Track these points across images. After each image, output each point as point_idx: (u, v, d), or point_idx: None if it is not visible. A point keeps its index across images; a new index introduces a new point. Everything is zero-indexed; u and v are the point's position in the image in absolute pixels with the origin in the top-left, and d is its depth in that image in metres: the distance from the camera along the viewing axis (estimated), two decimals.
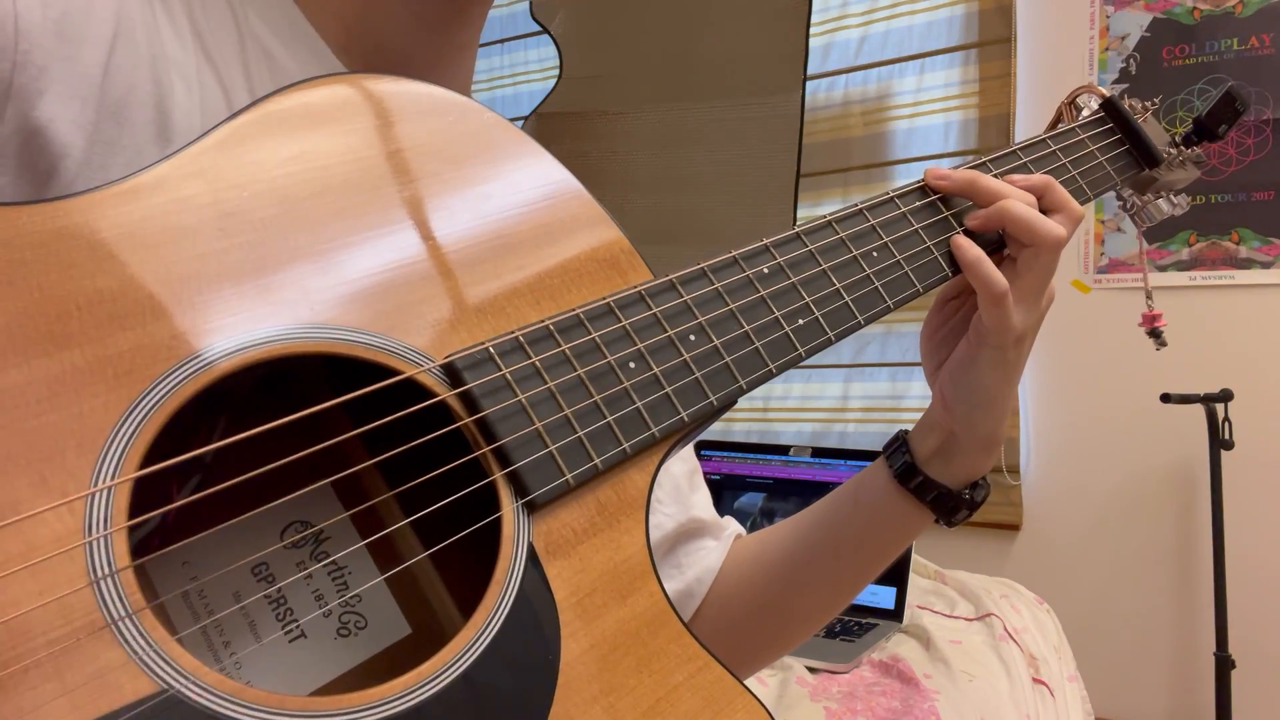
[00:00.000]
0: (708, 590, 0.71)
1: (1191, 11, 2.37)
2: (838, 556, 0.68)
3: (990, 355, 0.61)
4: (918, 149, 2.70)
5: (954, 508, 0.65)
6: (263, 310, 0.41)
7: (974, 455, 0.64)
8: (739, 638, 0.71)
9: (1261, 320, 2.32)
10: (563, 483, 0.44)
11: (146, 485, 0.37)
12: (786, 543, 0.71)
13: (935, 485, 0.65)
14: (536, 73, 3.32)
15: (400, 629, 0.46)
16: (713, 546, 0.73)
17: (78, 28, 0.44)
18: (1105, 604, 2.46)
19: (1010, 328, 0.59)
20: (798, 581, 0.69)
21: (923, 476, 0.65)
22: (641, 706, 0.43)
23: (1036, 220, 0.59)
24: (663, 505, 0.71)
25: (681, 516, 0.72)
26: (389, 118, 0.47)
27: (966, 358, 0.62)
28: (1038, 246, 0.59)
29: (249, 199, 0.42)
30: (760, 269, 0.55)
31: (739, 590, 0.71)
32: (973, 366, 0.62)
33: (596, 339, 0.48)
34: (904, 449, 0.66)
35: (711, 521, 0.74)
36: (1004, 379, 0.62)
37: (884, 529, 0.67)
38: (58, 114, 0.43)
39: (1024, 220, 0.59)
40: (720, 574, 0.72)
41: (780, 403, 2.90)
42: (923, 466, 0.65)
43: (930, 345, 0.67)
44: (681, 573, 0.71)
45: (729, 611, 0.71)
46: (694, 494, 0.74)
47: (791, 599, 0.70)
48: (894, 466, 0.66)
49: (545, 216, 0.50)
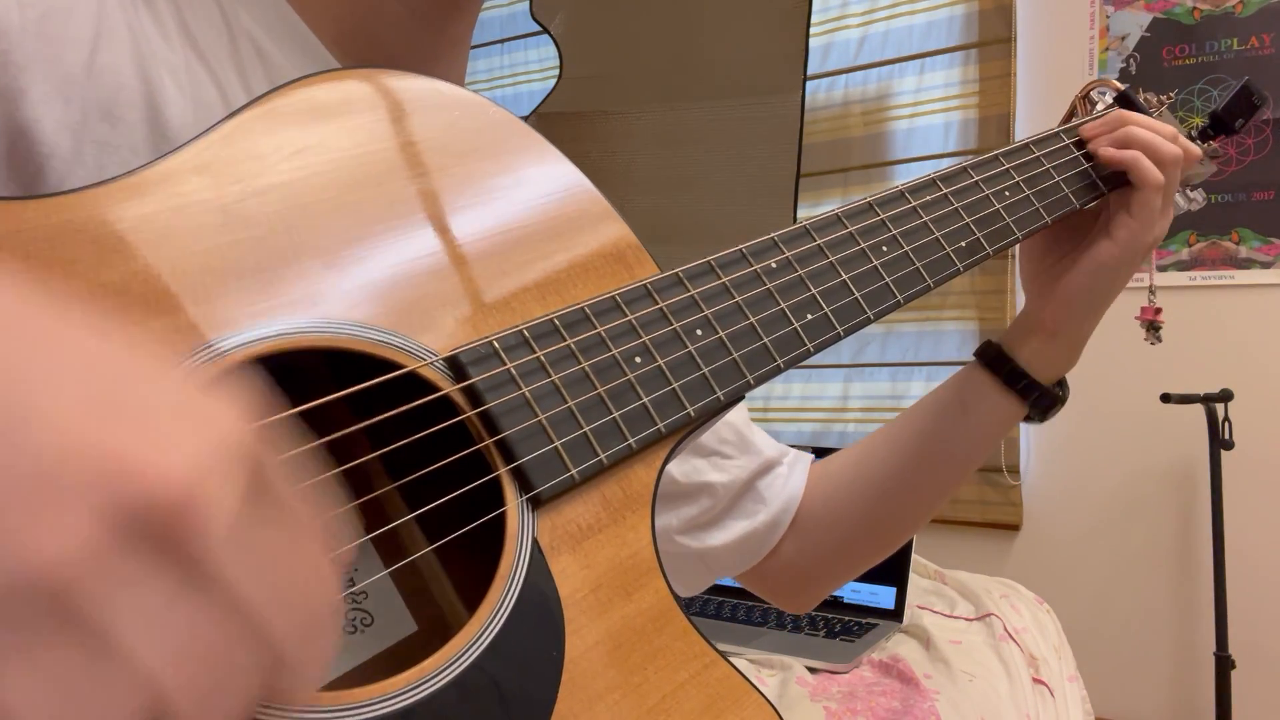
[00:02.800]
0: (793, 517, 0.76)
1: (1191, 11, 2.38)
2: (950, 462, 0.75)
3: (1130, 258, 0.69)
4: (918, 149, 2.70)
5: (1050, 404, 0.73)
6: (268, 305, 0.40)
7: (1068, 353, 0.72)
8: (846, 554, 0.77)
9: (1261, 320, 2.32)
10: (568, 478, 0.44)
11: None
12: (891, 457, 0.75)
13: (1037, 385, 0.72)
14: (536, 73, 3.32)
15: (406, 625, 0.46)
16: (785, 473, 0.77)
17: (58, 29, 0.44)
18: (1105, 604, 2.46)
19: (1156, 226, 0.69)
20: (907, 492, 0.75)
21: (1028, 378, 0.71)
22: (647, 703, 0.43)
23: (1158, 140, 0.68)
24: (733, 458, 0.75)
25: (753, 464, 0.76)
26: (395, 113, 0.47)
27: (1113, 259, 0.69)
28: (1162, 163, 0.68)
29: (254, 194, 0.42)
30: (768, 263, 0.55)
31: (842, 511, 0.76)
32: (1116, 268, 0.69)
33: (602, 333, 0.47)
34: (1003, 356, 0.72)
35: (776, 453, 0.78)
36: (1122, 283, 0.71)
37: (991, 430, 0.74)
38: (42, 114, 0.43)
39: (1149, 140, 0.68)
40: (807, 499, 0.76)
41: (780, 403, 2.90)
42: (1025, 368, 0.71)
43: (1052, 256, 0.73)
44: (766, 505, 0.75)
45: (833, 532, 0.76)
46: (755, 437, 0.78)
47: (901, 509, 0.76)
48: (1001, 373, 0.72)
49: (552, 212, 0.50)
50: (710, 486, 0.74)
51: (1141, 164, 0.68)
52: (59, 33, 0.44)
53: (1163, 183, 0.68)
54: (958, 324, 2.66)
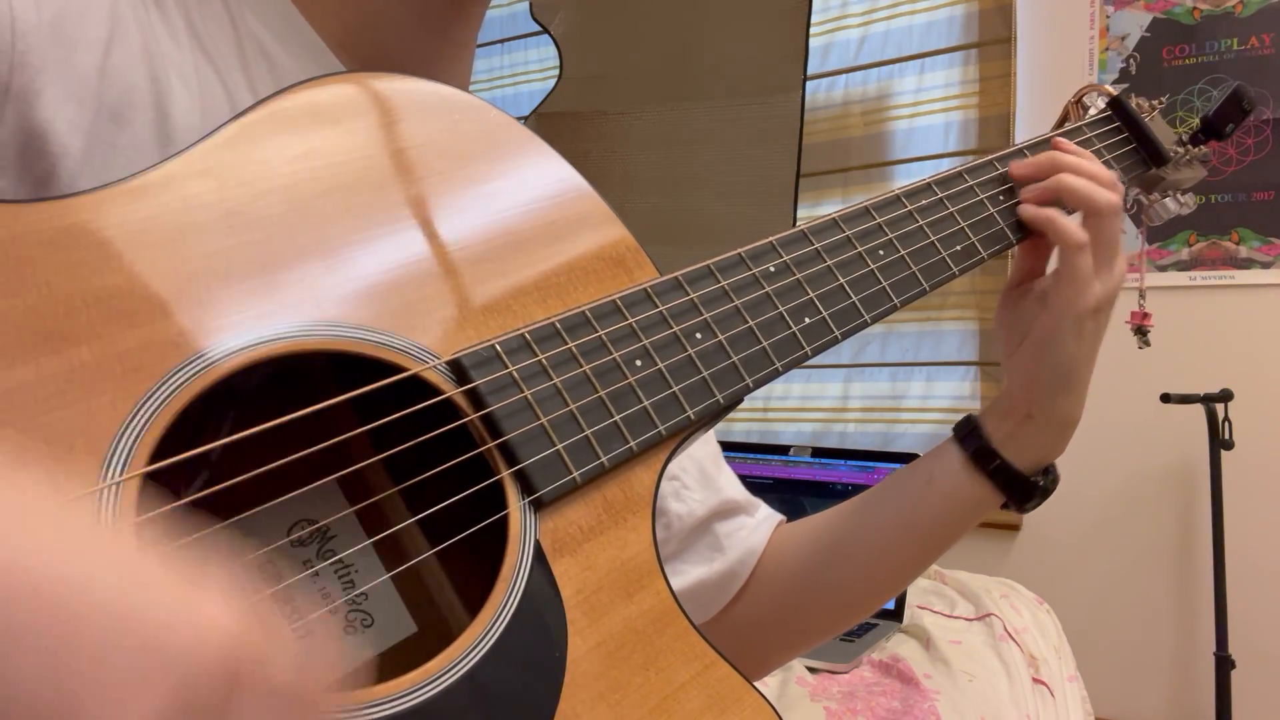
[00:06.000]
0: (751, 571, 0.72)
1: (1191, 11, 2.38)
2: (908, 538, 0.69)
3: (1071, 326, 0.62)
4: (918, 149, 2.70)
5: (1028, 493, 0.66)
6: (270, 308, 0.41)
7: (1050, 437, 0.66)
8: (800, 618, 0.71)
9: (1261, 320, 2.32)
10: (569, 480, 0.44)
11: (154, 482, 0.37)
12: (848, 525, 0.71)
13: (1011, 469, 0.66)
14: (536, 73, 3.32)
15: (406, 627, 0.46)
16: (752, 525, 0.73)
17: (72, 29, 0.44)
18: (1105, 604, 2.46)
19: (1091, 288, 0.62)
20: (864, 562, 0.70)
21: (1000, 460, 0.66)
22: (648, 704, 0.43)
23: (1092, 188, 0.62)
24: (690, 491, 0.71)
25: (712, 500, 0.72)
26: (397, 116, 0.47)
27: (1049, 333, 0.63)
28: (1099, 214, 0.62)
29: (257, 197, 0.42)
30: (766, 267, 0.55)
31: (799, 573, 0.71)
32: (1055, 340, 0.63)
33: (603, 336, 0.48)
34: (977, 433, 0.67)
35: (744, 500, 0.74)
36: (1085, 353, 0.64)
37: (956, 511, 0.68)
38: (55, 115, 0.43)
39: (1081, 190, 0.62)
40: (767, 556, 0.72)
41: (780, 403, 2.90)
42: (998, 449, 0.66)
43: (1007, 329, 0.68)
44: (724, 554, 0.71)
45: (789, 594, 0.71)
46: (720, 476, 0.74)
47: (853, 580, 0.70)
48: (969, 450, 0.66)
49: (552, 215, 0.50)
50: (666, 513, 0.70)
51: (1057, 226, 0.62)
52: (73, 33, 0.44)
53: (1084, 242, 0.61)
54: (958, 324, 2.66)
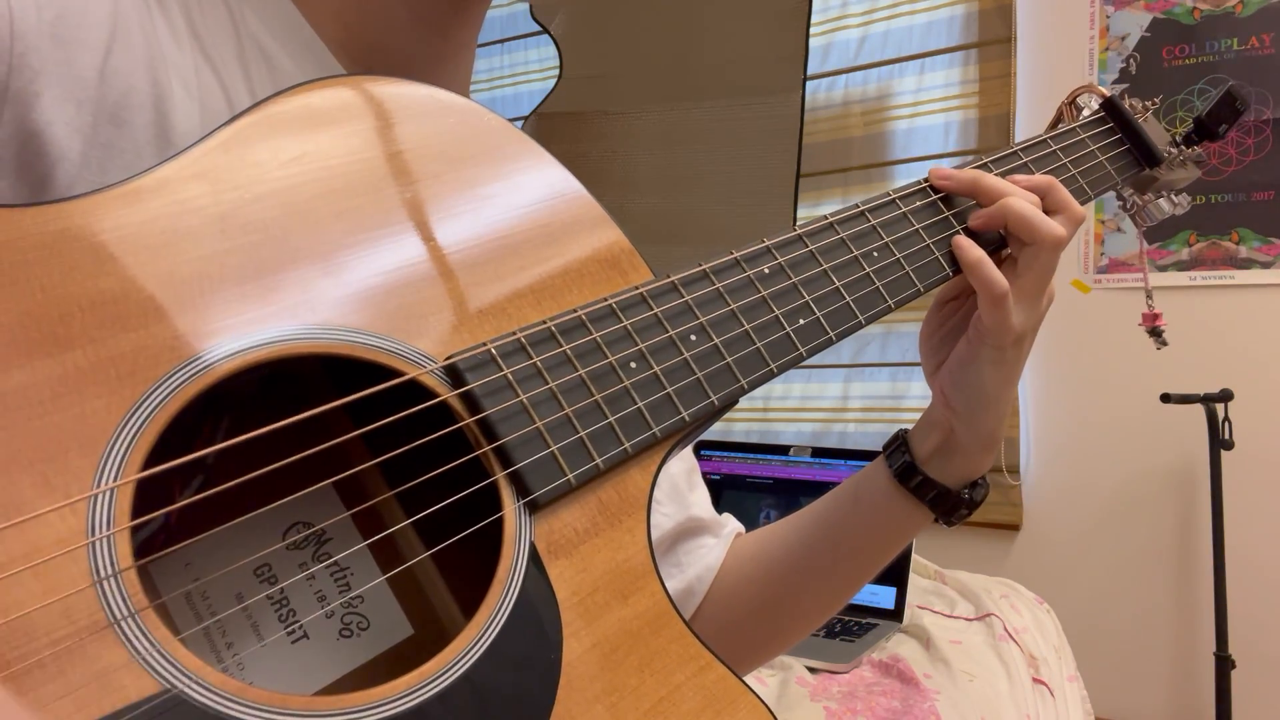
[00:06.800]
0: (709, 588, 0.72)
1: (1191, 11, 2.37)
2: (837, 555, 0.69)
3: (990, 354, 0.61)
4: (918, 149, 2.70)
5: (953, 507, 0.66)
6: (265, 311, 0.41)
7: (974, 454, 0.65)
8: (740, 635, 0.71)
9: (1261, 320, 2.32)
10: (564, 482, 0.44)
11: (149, 486, 0.37)
12: (788, 541, 0.71)
13: (935, 484, 0.65)
14: (536, 73, 3.32)
15: (402, 629, 0.46)
16: (713, 544, 0.73)
17: (73, 30, 0.43)
18: (1105, 604, 2.46)
19: (1010, 328, 0.60)
20: (797, 579, 0.70)
21: (922, 476, 0.65)
22: (644, 706, 0.43)
23: (1038, 219, 0.60)
24: (661, 505, 0.71)
25: (680, 516, 0.72)
26: (391, 119, 0.47)
27: (966, 357, 0.63)
28: (1038, 246, 0.60)
29: (251, 200, 0.42)
30: (761, 269, 0.55)
31: (740, 588, 0.72)
32: (972, 366, 0.62)
33: (598, 339, 0.48)
34: (904, 448, 0.67)
35: (710, 520, 0.74)
36: (1003, 378, 0.62)
37: (884, 528, 0.68)
38: (54, 117, 0.43)
39: (1025, 218, 0.60)
40: (721, 572, 0.72)
41: (780, 403, 2.90)
42: (922, 465, 0.66)
43: (930, 345, 0.67)
44: (682, 571, 0.71)
45: (730, 609, 0.71)
46: (692, 493, 0.74)
47: (791, 596, 0.70)
48: (894, 466, 0.66)
49: (546, 218, 0.50)
50: None
51: (980, 273, 0.59)
52: (73, 35, 0.43)
53: (1004, 293, 0.58)
54: None
